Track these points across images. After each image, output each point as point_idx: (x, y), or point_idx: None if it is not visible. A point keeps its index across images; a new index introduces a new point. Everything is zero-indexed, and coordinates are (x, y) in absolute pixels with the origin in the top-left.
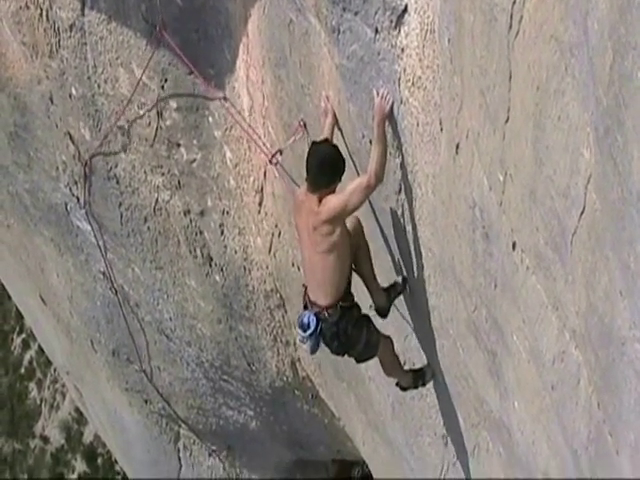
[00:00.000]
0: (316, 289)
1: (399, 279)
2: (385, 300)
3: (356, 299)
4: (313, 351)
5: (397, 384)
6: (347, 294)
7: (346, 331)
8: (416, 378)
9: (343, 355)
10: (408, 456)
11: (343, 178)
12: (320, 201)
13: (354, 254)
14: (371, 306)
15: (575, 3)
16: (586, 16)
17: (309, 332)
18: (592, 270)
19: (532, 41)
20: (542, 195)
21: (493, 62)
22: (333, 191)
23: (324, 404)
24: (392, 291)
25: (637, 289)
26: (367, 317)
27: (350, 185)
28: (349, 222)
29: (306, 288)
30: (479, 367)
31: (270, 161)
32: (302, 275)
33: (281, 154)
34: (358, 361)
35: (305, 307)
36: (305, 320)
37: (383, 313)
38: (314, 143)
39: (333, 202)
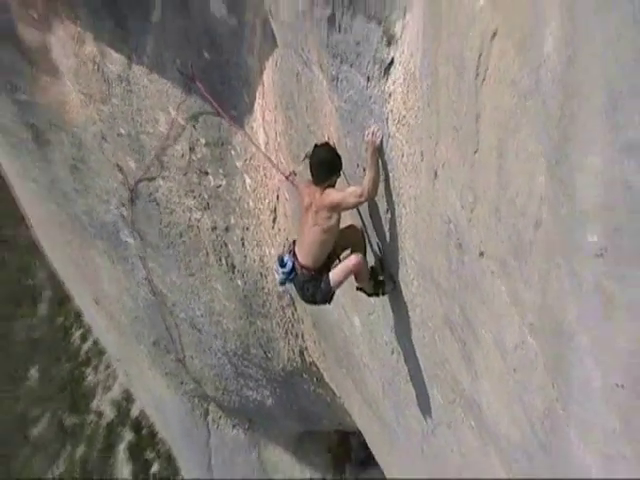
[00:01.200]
0: (301, 250)
1: (389, 280)
2: (372, 288)
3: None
4: (281, 284)
5: (361, 289)
6: (321, 267)
7: (309, 289)
8: (377, 286)
9: (309, 303)
10: (395, 427)
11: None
12: (322, 192)
13: (351, 250)
14: (359, 288)
15: (530, 56)
16: (539, 67)
17: (283, 270)
18: (546, 274)
19: (495, 87)
20: (505, 213)
21: (463, 104)
22: (333, 184)
23: (327, 385)
24: (381, 285)
25: (583, 291)
26: (326, 281)
27: (349, 188)
28: (351, 227)
29: (294, 242)
30: (454, 354)
31: (287, 177)
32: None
33: (295, 175)
34: (320, 304)
35: (289, 251)
36: (285, 259)
37: (369, 295)
38: (316, 146)
39: (333, 195)
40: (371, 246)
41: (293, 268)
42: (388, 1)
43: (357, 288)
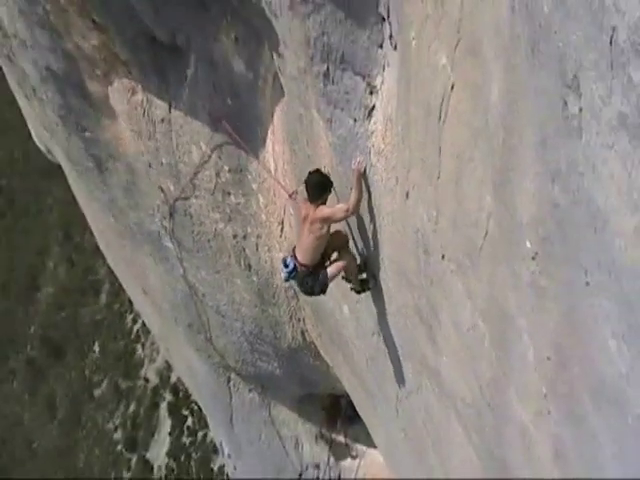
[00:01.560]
0: (299, 252)
1: (371, 278)
2: (359, 286)
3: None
4: (286, 281)
5: (351, 288)
6: (316, 265)
7: (308, 282)
8: (363, 284)
9: (308, 295)
10: (375, 392)
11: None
12: (316, 208)
13: (339, 254)
14: (351, 288)
15: (480, 103)
16: (487, 111)
17: (287, 270)
18: (493, 272)
19: (453, 127)
20: (461, 225)
21: (429, 140)
22: (325, 201)
23: (322, 359)
24: (366, 283)
25: (521, 284)
26: (323, 274)
27: (338, 205)
28: (339, 234)
29: (294, 247)
30: (422, 335)
31: (290, 196)
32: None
33: (297, 193)
34: (317, 294)
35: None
36: (287, 261)
37: (357, 292)
38: (309, 173)
39: (325, 211)
40: (357, 250)
41: (294, 267)
42: (371, 60)
43: (351, 289)
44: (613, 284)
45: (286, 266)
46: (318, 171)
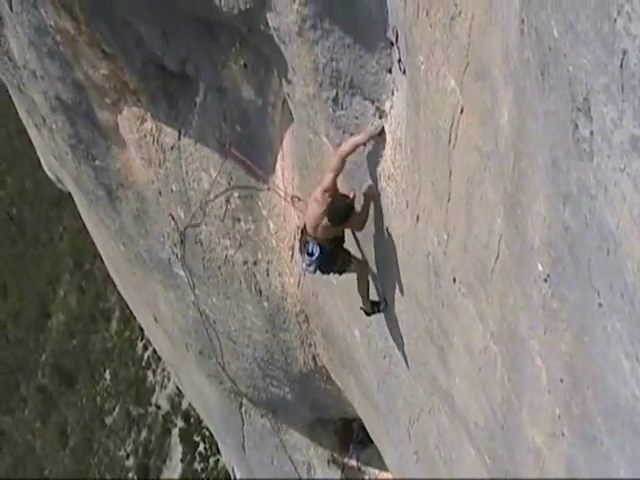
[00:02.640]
0: (315, 230)
1: (382, 301)
2: (370, 308)
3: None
4: (315, 271)
5: (361, 308)
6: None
7: (331, 260)
8: (374, 306)
9: (329, 273)
10: (387, 414)
11: None
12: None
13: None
14: (361, 308)
15: (490, 127)
16: (497, 135)
17: (314, 258)
18: (503, 294)
19: (463, 150)
20: (471, 247)
21: (439, 163)
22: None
23: (334, 382)
24: (377, 305)
25: (531, 305)
26: (343, 247)
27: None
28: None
29: (304, 230)
30: (433, 357)
31: (292, 200)
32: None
33: (299, 200)
34: (340, 273)
35: (305, 243)
36: (310, 248)
37: (367, 314)
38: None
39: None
40: (374, 276)
41: (320, 247)
42: (379, 85)
43: (360, 308)
44: (626, 306)
45: (311, 254)
46: (346, 197)
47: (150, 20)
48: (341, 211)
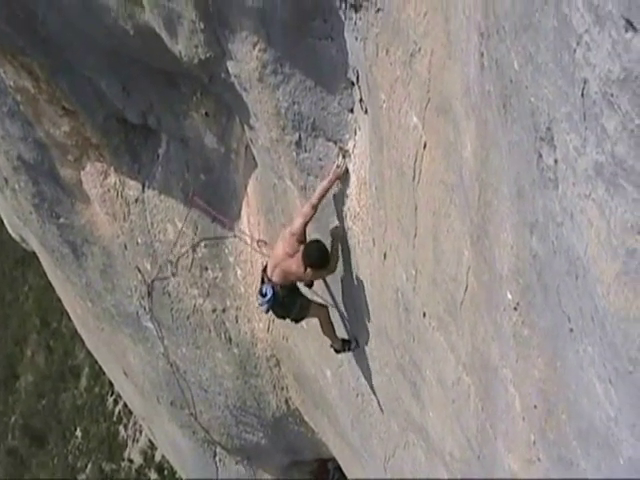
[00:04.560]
0: (274, 272)
1: (353, 339)
2: (340, 346)
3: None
4: (267, 311)
5: (331, 346)
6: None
7: (286, 303)
8: (344, 344)
9: (285, 318)
10: (362, 452)
11: None
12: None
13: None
14: (331, 346)
15: (453, 160)
16: (461, 168)
17: (266, 299)
18: (474, 325)
19: (428, 185)
20: (440, 281)
21: (404, 199)
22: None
23: (307, 424)
24: (347, 343)
25: (502, 334)
26: (300, 292)
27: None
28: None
29: (265, 268)
30: (406, 392)
31: (257, 243)
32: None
33: (266, 244)
34: (295, 321)
35: (262, 281)
36: (264, 289)
37: (337, 352)
38: (311, 241)
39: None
40: (339, 312)
41: (274, 292)
42: (342, 125)
43: (330, 346)
44: (597, 329)
45: (264, 295)
46: (319, 243)
47: (110, 74)
48: (318, 252)
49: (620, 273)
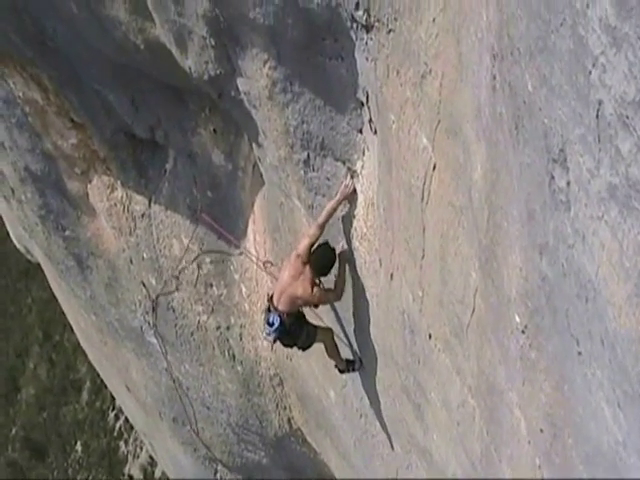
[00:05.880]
0: (280, 301)
1: (357, 360)
2: (344, 366)
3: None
4: (275, 341)
5: (335, 366)
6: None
7: (295, 331)
8: (348, 364)
9: (292, 347)
10: (364, 473)
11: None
12: (311, 281)
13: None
14: (335, 366)
15: (463, 181)
16: (470, 189)
17: (273, 328)
18: (480, 348)
19: (436, 206)
20: (447, 302)
21: (412, 221)
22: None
23: (309, 444)
24: (351, 363)
25: (509, 357)
26: (306, 320)
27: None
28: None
29: (271, 297)
30: (410, 414)
31: (264, 265)
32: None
33: (271, 265)
34: (302, 349)
35: (268, 310)
36: (271, 319)
37: (341, 371)
38: (321, 244)
39: (316, 293)
40: (344, 332)
41: (281, 321)
42: (350, 145)
43: (335, 366)
44: (607, 352)
45: (271, 325)
46: (328, 246)
47: (119, 88)
48: (324, 252)
49: (632, 295)
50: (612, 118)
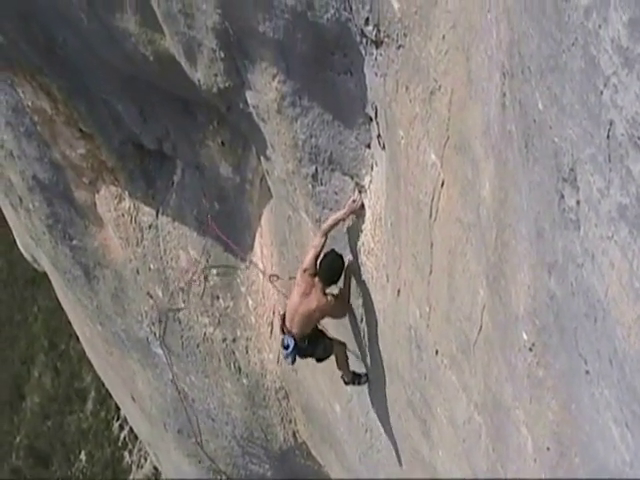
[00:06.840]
0: (293, 324)
1: (364, 374)
2: (350, 378)
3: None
4: (292, 363)
5: (341, 377)
6: (312, 333)
7: (309, 350)
8: (355, 377)
9: (309, 357)
10: None
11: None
12: (323, 292)
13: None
14: (341, 377)
15: (471, 198)
16: (478, 206)
17: (288, 351)
18: (487, 365)
19: (444, 223)
20: (454, 319)
21: (420, 236)
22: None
23: (314, 458)
24: (357, 376)
25: (516, 375)
26: (321, 334)
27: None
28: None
29: (284, 319)
30: (415, 430)
31: (270, 278)
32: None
33: (277, 278)
34: (319, 361)
35: (282, 332)
36: (286, 342)
37: (346, 383)
38: (330, 251)
39: (329, 302)
40: (352, 346)
41: (295, 343)
42: (359, 160)
43: (340, 377)
44: (615, 372)
45: (286, 347)
46: (335, 253)
47: (128, 99)
48: (333, 266)
49: None
50: (623, 138)
